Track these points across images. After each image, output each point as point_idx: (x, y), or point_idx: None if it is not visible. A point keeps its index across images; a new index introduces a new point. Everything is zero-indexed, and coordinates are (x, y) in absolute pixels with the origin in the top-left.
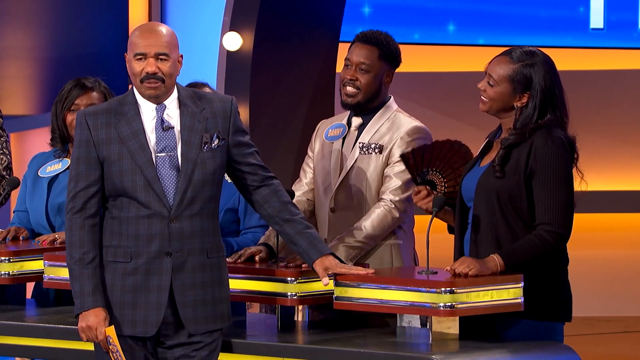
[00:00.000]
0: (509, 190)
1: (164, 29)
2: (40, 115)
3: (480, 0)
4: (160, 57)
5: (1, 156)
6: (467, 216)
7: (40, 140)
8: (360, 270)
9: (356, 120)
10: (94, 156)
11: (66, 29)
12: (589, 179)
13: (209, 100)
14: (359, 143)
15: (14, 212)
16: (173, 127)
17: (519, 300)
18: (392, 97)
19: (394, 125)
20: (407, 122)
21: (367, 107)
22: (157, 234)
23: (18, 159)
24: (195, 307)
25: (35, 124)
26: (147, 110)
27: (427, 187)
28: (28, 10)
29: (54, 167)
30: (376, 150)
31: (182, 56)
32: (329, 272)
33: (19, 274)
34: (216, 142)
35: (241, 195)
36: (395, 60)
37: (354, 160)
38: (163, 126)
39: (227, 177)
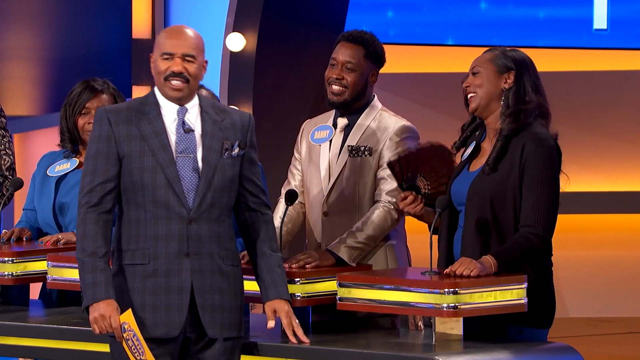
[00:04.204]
0: (503, 195)
1: (191, 31)
2: (43, 116)
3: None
4: (187, 57)
5: (4, 157)
6: (456, 219)
7: (43, 140)
8: (298, 330)
9: (342, 121)
10: (114, 152)
11: (70, 30)
12: (593, 180)
13: (229, 113)
14: (348, 146)
15: (22, 210)
16: (194, 130)
17: (523, 301)
18: (375, 96)
19: (382, 126)
20: (394, 122)
21: (353, 106)
22: (175, 235)
23: (21, 160)
24: (214, 312)
25: (39, 124)
26: (169, 112)
27: (413, 192)
28: (32, 10)
29: (63, 167)
30: (366, 153)
31: (206, 62)
32: (277, 315)
33: (22, 275)
34: (237, 150)
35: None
36: (380, 60)
37: (343, 164)
38: (184, 128)
39: None
